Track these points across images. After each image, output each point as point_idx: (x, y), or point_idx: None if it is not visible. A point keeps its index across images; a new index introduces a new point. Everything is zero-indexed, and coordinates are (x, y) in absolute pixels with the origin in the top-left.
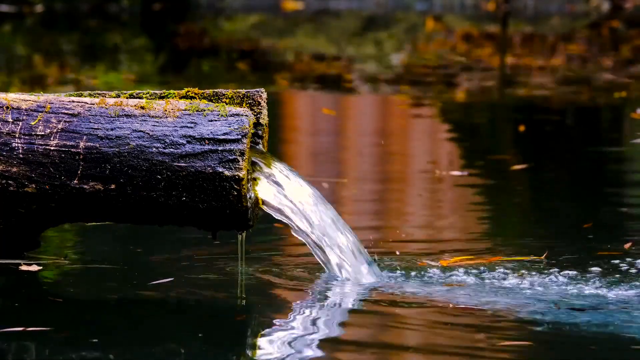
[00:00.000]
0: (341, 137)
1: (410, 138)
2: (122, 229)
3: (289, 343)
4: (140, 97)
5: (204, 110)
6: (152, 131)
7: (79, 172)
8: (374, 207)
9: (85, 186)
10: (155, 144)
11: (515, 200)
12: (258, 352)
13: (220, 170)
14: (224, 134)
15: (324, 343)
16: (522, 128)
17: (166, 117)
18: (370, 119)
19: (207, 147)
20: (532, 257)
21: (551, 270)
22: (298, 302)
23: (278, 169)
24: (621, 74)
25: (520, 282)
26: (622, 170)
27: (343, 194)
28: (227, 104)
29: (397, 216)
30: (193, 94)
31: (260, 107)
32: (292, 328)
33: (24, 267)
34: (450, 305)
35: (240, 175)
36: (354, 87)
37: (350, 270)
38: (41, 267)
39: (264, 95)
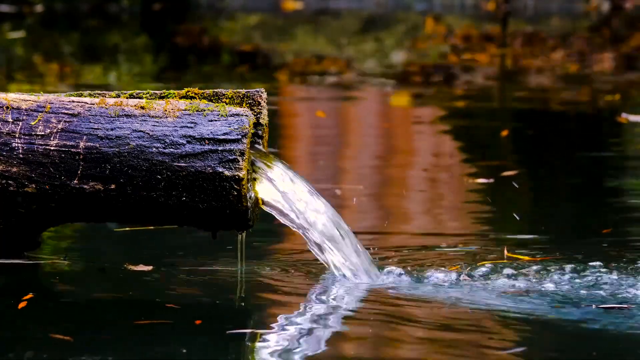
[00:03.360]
0: (341, 137)
1: (411, 140)
2: (123, 229)
3: (289, 343)
4: (140, 97)
5: (204, 110)
6: (152, 131)
7: (79, 172)
8: (379, 210)
9: (85, 186)
10: (155, 144)
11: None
12: (258, 351)
13: (220, 170)
14: (224, 134)
15: (324, 343)
16: (504, 133)
17: (166, 117)
18: (370, 119)
19: (207, 147)
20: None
21: None
22: (298, 301)
23: (278, 169)
24: (619, 75)
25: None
26: (612, 176)
27: (352, 199)
28: (227, 104)
29: (401, 220)
30: (193, 94)
31: (260, 107)
32: (292, 328)
33: (132, 267)
34: (449, 305)
35: (240, 175)
36: (353, 87)
37: (351, 270)
38: (151, 267)
39: (264, 95)
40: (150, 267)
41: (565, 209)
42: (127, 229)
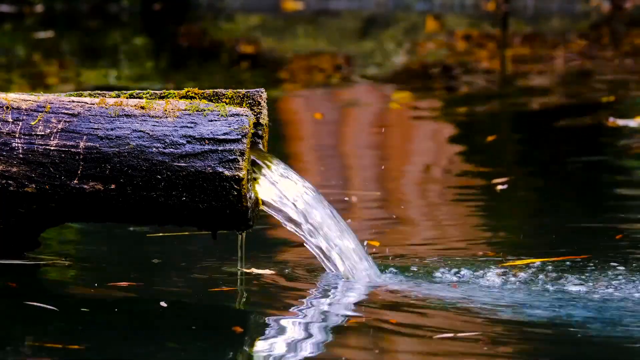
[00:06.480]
0: (340, 139)
1: (411, 141)
2: (122, 229)
3: (289, 343)
4: (140, 97)
5: (204, 110)
6: (152, 131)
7: (79, 172)
8: (382, 212)
9: (85, 186)
10: (155, 144)
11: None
12: (258, 352)
13: (220, 170)
14: (224, 134)
15: (324, 343)
16: (490, 138)
17: (166, 117)
18: (369, 120)
19: (207, 147)
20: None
21: None
22: (298, 302)
23: (278, 169)
24: (618, 76)
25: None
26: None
27: (362, 204)
28: (227, 104)
29: (406, 222)
30: (193, 94)
31: (260, 107)
32: (292, 328)
33: (255, 271)
34: (449, 306)
35: (240, 175)
36: (352, 88)
37: (350, 270)
38: (266, 272)
39: (264, 95)
40: (272, 271)
41: (571, 212)
42: (160, 234)
